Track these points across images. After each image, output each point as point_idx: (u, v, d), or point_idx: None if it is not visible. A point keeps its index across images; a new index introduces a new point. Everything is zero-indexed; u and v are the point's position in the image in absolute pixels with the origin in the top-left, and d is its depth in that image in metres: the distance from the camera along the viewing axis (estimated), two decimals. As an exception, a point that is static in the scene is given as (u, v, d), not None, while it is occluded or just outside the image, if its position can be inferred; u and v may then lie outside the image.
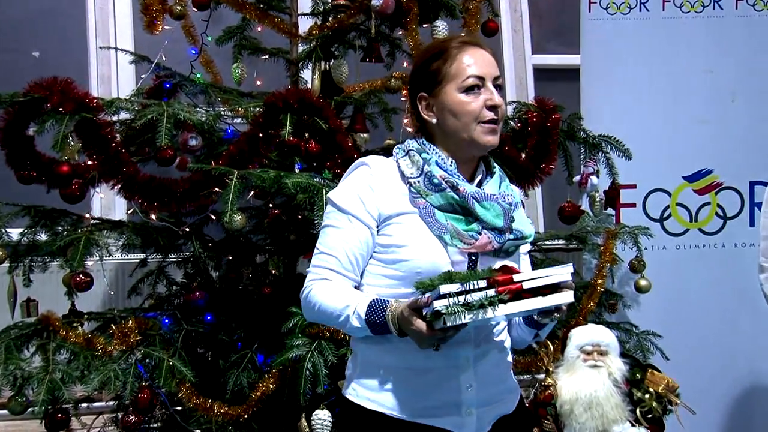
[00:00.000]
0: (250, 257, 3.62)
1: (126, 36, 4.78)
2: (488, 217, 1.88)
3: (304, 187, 2.77)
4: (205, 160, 3.15)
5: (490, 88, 1.91)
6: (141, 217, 3.18)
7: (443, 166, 1.91)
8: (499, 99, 1.92)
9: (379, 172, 1.94)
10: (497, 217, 1.89)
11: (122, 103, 3.10)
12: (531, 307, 1.73)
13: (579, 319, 3.38)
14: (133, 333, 2.95)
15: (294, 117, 2.90)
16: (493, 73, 1.93)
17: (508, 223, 1.91)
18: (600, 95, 4.02)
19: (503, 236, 1.90)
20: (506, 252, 1.92)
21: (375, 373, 1.92)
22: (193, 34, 3.80)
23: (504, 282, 1.70)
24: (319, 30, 3.48)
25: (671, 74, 4.03)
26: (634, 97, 4.02)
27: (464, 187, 1.89)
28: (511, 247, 1.92)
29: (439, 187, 1.88)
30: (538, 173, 3.22)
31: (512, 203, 1.94)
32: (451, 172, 1.91)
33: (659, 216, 4.07)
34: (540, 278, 1.72)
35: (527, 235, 1.95)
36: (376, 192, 1.91)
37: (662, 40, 4.04)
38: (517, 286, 1.70)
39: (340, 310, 1.85)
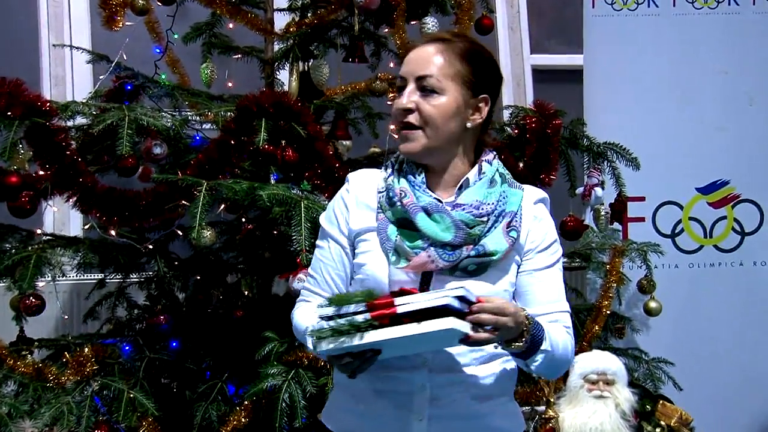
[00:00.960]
0: (221, 277, 3.62)
1: (82, 33, 4.78)
2: (431, 230, 1.88)
3: (281, 200, 2.78)
4: (170, 169, 3.15)
5: (409, 88, 1.92)
6: (99, 232, 3.17)
7: (410, 176, 1.96)
8: (408, 100, 1.91)
9: (357, 187, 2.02)
10: (446, 230, 1.88)
11: (78, 106, 3.10)
12: (405, 334, 1.69)
13: (583, 344, 3.40)
14: (89, 362, 2.94)
15: (269, 122, 2.91)
16: (415, 71, 1.92)
17: (461, 238, 1.87)
18: (605, 99, 4.06)
19: (456, 252, 1.87)
20: (465, 270, 1.88)
21: (343, 393, 2.03)
22: (158, 31, 3.81)
23: (380, 305, 1.70)
24: (297, 27, 3.50)
25: (683, 76, 4.07)
26: (643, 101, 4.06)
27: (413, 197, 1.92)
28: (470, 265, 1.87)
29: (392, 200, 1.94)
30: (537, 184, 3.24)
31: (486, 213, 1.90)
32: (413, 182, 1.95)
33: (671, 231, 4.11)
34: (416, 303, 1.69)
35: (491, 252, 1.87)
36: (351, 209, 2.00)
37: (673, 38, 4.08)
38: (391, 311, 1.69)
39: (303, 332, 1.97)
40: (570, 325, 1.96)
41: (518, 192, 1.97)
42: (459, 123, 1.93)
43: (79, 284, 4.27)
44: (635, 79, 4.06)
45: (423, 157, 1.95)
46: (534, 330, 1.82)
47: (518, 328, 1.79)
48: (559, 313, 1.96)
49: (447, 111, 1.91)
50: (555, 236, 2.00)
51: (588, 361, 3.11)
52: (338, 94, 3.69)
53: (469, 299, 1.73)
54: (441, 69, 1.91)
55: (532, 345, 1.83)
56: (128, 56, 3.62)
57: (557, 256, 1.99)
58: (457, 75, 1.92)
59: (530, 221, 1.96)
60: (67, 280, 4.02)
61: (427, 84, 1.91)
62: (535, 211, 1.98)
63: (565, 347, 1.92)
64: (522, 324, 1.79)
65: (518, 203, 1.95)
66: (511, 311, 1.76)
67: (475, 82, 1.94)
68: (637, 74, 4.06)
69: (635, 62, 4.06)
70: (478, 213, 1.90)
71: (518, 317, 1.78)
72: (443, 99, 1.91)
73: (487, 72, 1.98)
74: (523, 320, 1.79)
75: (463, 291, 1.70)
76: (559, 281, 1.99)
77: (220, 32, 3.76)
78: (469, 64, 1.94)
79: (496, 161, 1.98)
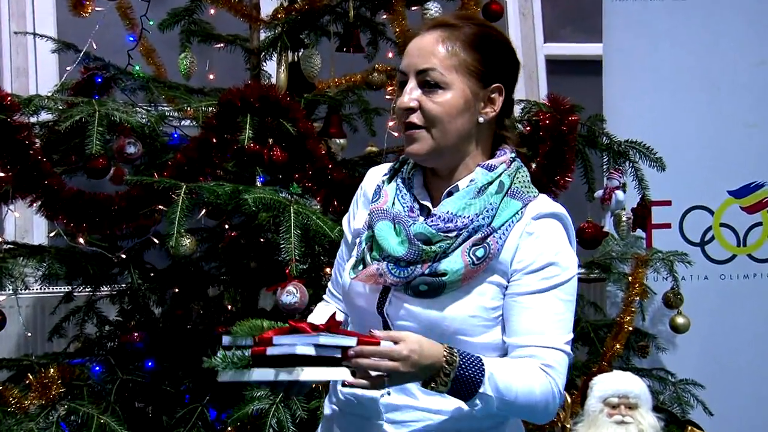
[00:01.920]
0: (201, 290, 3.63)
1: (47, 19, 4.79)
2: (385, 242, 1.89)
3: (268, 204, 2.78)
4: (145, 171, 3.16)
5: (410, 85, 1.90)
6: (66, 241, 3.18)
7: (404, 176, 1.99)
8: (410, 99, 1.89)
9: (368, 183, 2.07)
10: (401, 244, 1.87)
11: (42, 101, 3.11)
12: (257, 379, 1.73)
13: (602, 364, 3.41)
14: (55, 384, 2.94)
15: (255, 119, 2.92)
16: (416, 64, 1.90)
17: (413, 254, 1.85)
18: (626, 92, 4.07)
19: (408, 269, 1.86)
20: (417, 291, 1.86)
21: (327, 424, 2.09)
22: (131, 17, 3.82)
23: (261, 341, 1.74)
24: (286, 13, 3.51)
25: (713, 67, 4.08)
26: (668, 94, 4.06)
27: (386, 201, 1.95)
28: (420, 285, 1.85)
29: (369, 203, 1.99)
30: (552, 187, 3.25)
31: (457, 228, 1.86)
32: (400, 185, 1.97)
33: (700, 239, 4.12)
34: (285, 346, 1.71)
35: (442, 272, 1.84)
36: (359, 206, 2.07)
37: (702, 25, 4.09)
38: (260, 350, 1.73)
39: None
40: (556, 366, 1.86)
41: (515, 204, 1.90)
42: (469, 119, 1.91)
43: (44, 298, 4.28)
44: (660, 70, 4.07)
45: (430, 160, 1.93)
46: (461, 371, 1.75)
47: (427, 369, 1.74)
48: (540, 348, 1.86)
49: (453, 107, 1.89)
50: (555, 258, 1.89)
51: (608, 383, 3.12)
52: (331, 88, 3.70)
53: (341, 345, 1.72)
54: (444, 60, 1.88)
55: (462, 388, 1.77)
56: (98, 45, 3.63)
57: (554, 280, 1.89)
58: (462, 65, 1.89)
59: (519, 238, 1.89)
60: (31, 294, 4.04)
61: (430, 78, 1.88)
62: (532, 227, 1.90)
63: (529, 391, 1.82)
64: (437, 364, 1.74)
65: (507, 217, 1.89)
66: (402, 354, 1.71)
67: (485, 71, 1.91)
68: (662, 65, 4.07)
69: (660, 52, 4.07)
70: (445, 227, 1.86)
71: (421, 359, 1.73)
72: (448, 94, 1.88)
73: (500, 58, 1.94)
74: (436, 360, 1.74)
75: (324, 339, 1.70)
76: (552, 310, 1.89)
77: (200, 19, 3.77)
78: (477, 52, 1.90)
79: (503, 166, 1.93)
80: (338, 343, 1.72)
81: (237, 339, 1.78)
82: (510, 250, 1.88)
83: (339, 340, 1.72)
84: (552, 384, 1.84)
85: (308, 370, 1.69)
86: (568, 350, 1.90)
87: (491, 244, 1.86)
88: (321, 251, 3.17)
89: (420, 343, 1.74)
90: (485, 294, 1.88)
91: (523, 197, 1.92)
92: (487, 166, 1.93)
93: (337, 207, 2.98)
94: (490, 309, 1.89)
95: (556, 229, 1.92)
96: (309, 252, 2.92)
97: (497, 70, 1.93)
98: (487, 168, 1.92)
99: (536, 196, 1.95)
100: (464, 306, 1.87)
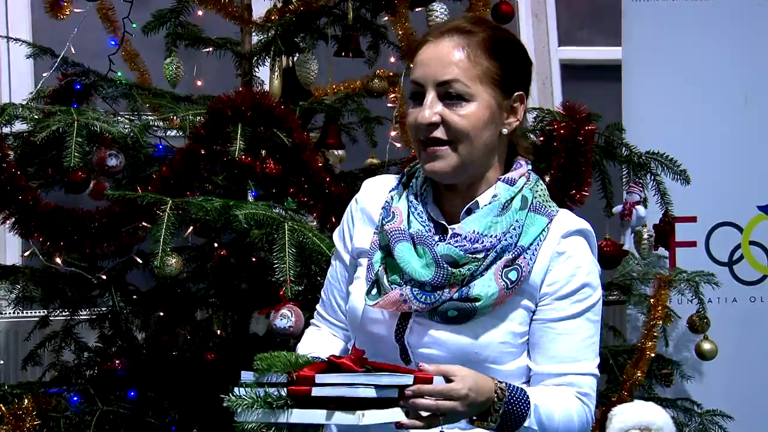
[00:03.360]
0: (189, 313, 3.63)
1: (21, 21, 4.81)
2: (409, 266, 1.88)
3: (260, 221, 2.79)
4: (128, 185, 3.17)
5: (429, 97, 1.89)
6: (42, 260, 3.19)
7: (415, 191, 1.98)
8: (432, 113, 1.88)
9: (366, 197, 2.06)
10: (426, 267, 1.87)
11: (17, 109, 3.11)
12: (296, 421, 1.73)
13: (622, 394, 3.41)
14: (29, 416, 2.94)
15: (246, 129, 2.93)
16: (435, 75, 1.89)
17: (441, 277, 1.86)
18: (647, 100, 4.08)
19: (435, 294, 1.86)
20: (444, 317, 1.87)
21: None
22: (113, 20, 3.83)
23: (300, 380, 1.72)
24: (280, 15, 3.52)
25: (743, 72, 4.09)
26: (693, 102, 4.07)
27: (402, 221, 1.93)
28: (449, 310, 1.86)
29: (383, 221, 1.97)
30: (567, 202, 3.25)
31: (484, 248, 1.87)
32: (413, 202, 1.96)
33: (728, 258, 4.12)
34: (337, 386, 1.70)
35: (475, 296, 1.85)
36: (356, 223, 2.06)
37: (731, 27, 4.09)
38: (306, 390, 1.71)
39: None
40: (590, 392, 1.93)
41: (541, 220, 1.92)
42: (494, 131, 1.92)
43: (18, 322, 4.28)
44: (684, 75, 4.08)
45: (454, 177, 1.93)
46: (509, 407, 1.80)
47: (480, 406, 1.77)
48: (575, 375, 1.92)
49: (480, 120, 1.88)
50: (586, 278, 1.93)
51: (629, 414, 3.12)
52: (329, 95, 3.71)
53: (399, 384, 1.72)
54: (466, 71, 1.88)
55: (509, 422, 1.80)
56: (77, 50, 3.63)
57: (587, 303, 1.93)
58: (485, 74, 1.89)
59: (549, 258, 1.91)
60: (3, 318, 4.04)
61: (453, 90, 1.88)
62: (562, 246, 1.92)
63: (568, 420, 1.88)
64: (489, 400, 1.78)
65: (535, 235, 1.91)
66: (461, 394, 1.72)
67: (505, 78, 1.91)
68: (687, 70, 4.08)
69: (684, 56, 4.08)
70: (473, 248, 1.87)
71: (478, 396, 1.75)
72: (473, 107, 1.88)
73: (518, 64, 1.96)
74: (489, 396, 1.77)
75: (387, 380, 1.70)
76: (586, 335, 1.93)
77: (187, 21, 3.77)
78: (496, 59, 1.90)
79: (522, 179, 1.95)
80: (398, 383, 1.72)
81: (265, 375, 1.75)
82: (540, 271, 1.91)
83: (399, 380, 1.72)
84: (587, 411, 1.92)
85: (369, 414, 1.68)
86: (598, 373, 1.97)
87: (522, 265, 1.88)
88: (318, 271, 3.17)
89: (476, 380, 1.77)
90: (515, 319, 1.91)
91: (548, 212, 1.94)
92: (509, 180, 1.94)
93: (335, 223, 2.98)
94: (518, 334, 1.92)
95: (585, 247, 1.95)
96: (305, 272, 2.92)
97: (517, 76, 1.95)
98: (509, 182, 1.94)
99: (557, 211, 1.97)
100: (495, 332, 1.90)
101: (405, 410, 1.72)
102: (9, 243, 4.54)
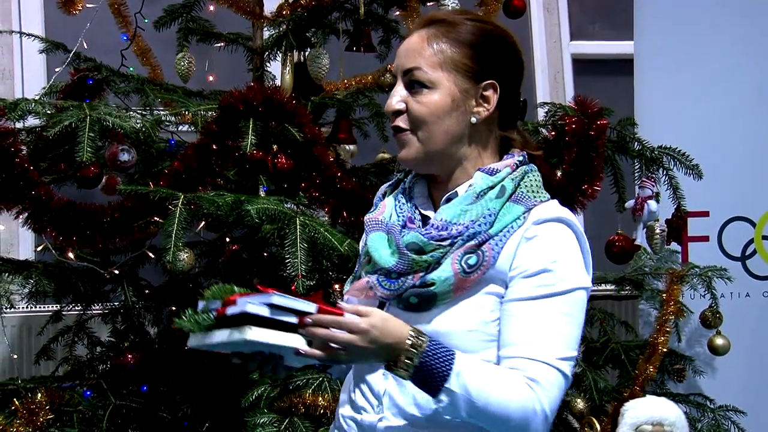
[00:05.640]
0: (200, 308, 3.64)
1: (34, 17, 4.82)
2: (376, 254, 1.93)
3: (272, 216, 2.80)
4: (140, 180, 3.17)
5: (397, 86, 1.97)
6: (54, 255, 3.20)
7: (405, 186, 2.04)
8: (396, 101, 1.95)
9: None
10: (392, 255, 1.91)
11: (30, 105, 3.12)
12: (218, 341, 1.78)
13: (634, 389, 3.40)
14: (42, 410, 2.95)
15: (258, 124, 2.94)
16: (403, 64, 1.96)
17: (403, 265, 1.89)
18: (659, 94, 4.07)
19: (399, 281, 1.90)
20: (407, 303, 1.89)
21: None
22: (125, 15, 3.84)
23: (225, 303, 1.79)
24: (291, 9, 3.52)
25: (757, 65, 4.07)
26: (706, 96, 4.06)
27: (382, 212, 2.00)
28: (411, 297, 1.88)
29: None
30: (579, 197, 3.25)
31: (451, 236, 1.88)
32: (398, 194, 2.02)
33: (740, 253, 4.11)
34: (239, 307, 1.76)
35: (430, 282, 1.86)
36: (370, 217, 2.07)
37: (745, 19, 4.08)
38: (222, 311, 1.78)
39: None
40: (542, 381, 1.81)
41: (518, 209, 1.91)
42: (459, 119, 1.94)
43: (31, 317, 4.30)
44: (696, 69, 4.07)
45: (421, 165, 1.97)
46: (426, 359, 1.77)
47: (389, 349, 1.77)
48: (526, 360, 1.83)
49: (439, 107, 1.92)
50: (550, 264, 1.87)
51: (641, 409, 3.12)
52: (340, 90, 3.71)
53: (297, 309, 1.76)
54: (428, 58, 1.93)
55: (428, 379, 1.78)
56: (89, 45, 3.65)
57: (550, 289, 1.86)
58: (449, 62, 1.92)
59: (517, 244, 1.89)
60: (17, 312, 4.05)
61: (415, 78, 1.93)
62: (531, 231, 1.89)
63: (506, 402, 1.79)
64: (399, 345, 1.77)
65: (507, 223, 1.90)
66: (361, 327, 1.74)
67: (478, 68, 1.93)
68: (699, 64, 4.07)
69: (697, 49, 4.07)
70: (438, 235, 1.89)
71: (382, 336, 1.76)
72: (435, 95, 1.92)
73: (495, 54, 1.96)
74: (399, 340, 1.77)
75: (277, 300, 1.74)
76: (545, 320, 1.85)
77: (199, 16, 3.78)
78: (469, 48, 1.93)
79: (506, 169, 1.94)
80: (294, 306, 1.75)
81: (208, 302, 1.83)
82: (508, 257, 1.89)
83: (295, 304, 1.75)
84: (536, 401, 1.80)
85: (257, 330, 1.72)
86: (564, 369, 1.84)
87: (486, 251, 1.87)
88: (329, 266, 3.18)
89: (385, 320, 1.78)
90: (483, 306, 1.89)
91: (528, 202, 1.92)
92: (489, 170, 1.94)
93: (347, 218, 2.99)
94: (490, 322, 1.89)
95: (560, 234, 1.91)
96: (316, 267, 2.93)
97: (492, 66, 1.95)
98: (488, 172, 1.94)
99: (544, 201, 1.95)
100: (459, 319, 1.88)
101: (308, 340, 1.76)
102: (22, 238, 4.56)
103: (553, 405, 1.82)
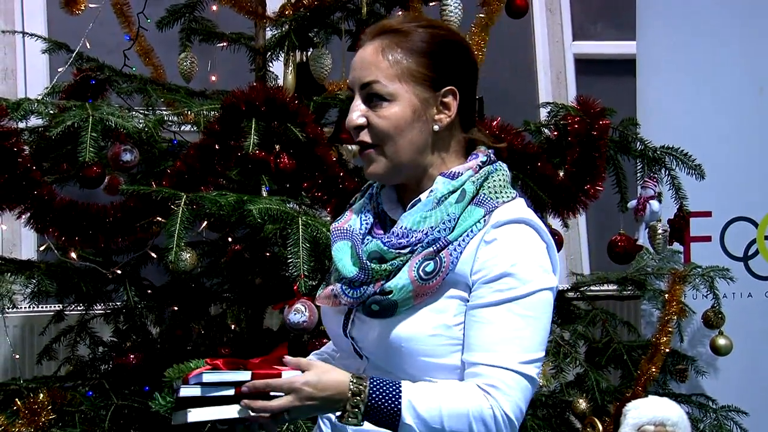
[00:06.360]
0: (203, 308, 3.64)
1: (37, 17, 4.82)
2: (340, 263, 1.93)
3: (274, 216, 2.79)
4: (142, 180, 3.17)
5: (356, 101, 1.93)
6: (57, 255, 3.19)
7: (372, 192, 2.03)
8: (357, 116, 1.91)
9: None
10: (354, 265, 1.91)
11: (32, 104, 3.12)
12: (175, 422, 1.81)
13: (637, 389, 3.40)
14: (44, 410, 2.95)
15: (260, 124, 2.94)
16: (359, 78, 1.92)
17: (364, 274, 1.88)
18: (662, 94, 4.07)
19: (361, 290, 1.89)
20: (370, 310, 1.88)
21: None
22: (127, 15, 3.84)
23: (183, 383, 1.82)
24: (294, 9, 3.52)
25: (758, 66, 4.07)
26: (708, 96, 4.06)
27: (348, 221, 1.99)
28: (372, 304, 1.87)
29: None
30: (582, 197, 3.25)
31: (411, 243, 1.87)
32: (365, 202, 2.01)
33: (742, 253, 4.11)
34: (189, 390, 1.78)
35: (387, 290, 1.85)
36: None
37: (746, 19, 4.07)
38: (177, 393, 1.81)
39: None
40: (501, 386, 1.81)
41: (478, 212, 1.89)
42: (422, 129, 1.91)
43: (33, 317, 4.30)
44: (699, 69, 4.07)
45: (391, 178, 1.96)
46: (373, 401, 1.78)
47: (331, 402, 1.79)
48: (486, 367, 1.82)
49: (402, 120, 1.90)
50: (510, 268, 1.84)
51: (643, 410, 3.12)
52: (343, 90, 3.71)
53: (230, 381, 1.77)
54: (385, 70, 1.90)
55: (382, 419, 1.79)
56: (92, 45, 3.66)
57: (510, 293, 1.84)
58: (406, 73, 1.90)
59: (477, 247, 1.87)
60: (19, 312, 4.05)
61: (373, 92, 1.90)
62: (491, 235, 1.87)
63: (459, 415, 1.79)
64: (340, 395, 1.78)
65: (466, 227, 1.89)
66: (294, 387, 1.76)
67: (435, 76, 1.91)
68: (701, 64, 4.07)
69: (699, 49, 4.07)
70: (398, 243, 1.88)
71: (317, 391, 1.77)
72: (395, 107, 1.90)
73: (451, 60, 1.94)
74: (338, 391, 1.78)
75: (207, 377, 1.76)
76: (505, 326, 1.84)
77: (201, 16, 3.79)
78: (424, 56, 1.91)
79: (468, 172, 1.92)
80: (227, 379, 1.76)
81: (175, 381, 1.86)
82: (468, 261, 1.87)
83: (228, 376, 1.76)
84: (492, 407, 1.80)
85: (196, 411, 1.75)
86: (526, 371, 1.83)
87: (444, 257, 1.86)
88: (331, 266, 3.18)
89: (321, 373, 1.79)
90: (446, 311, 1.87)
91: (489, 204, 1.90)
92: (450, 174, 1.92)
93: (349, 218, 2.99)
94: (454, 326, 1.87)
95: (520, 235, 1.88)
96: (318, 267, 2.92)
97: (449, 72, 1.93)
98: (450, 176, 1.92)
99: (507, 201, 1.92)
100: (420, 325, 1.87)
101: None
102: (24, 238, 4.56)
103: (515, 408, 1.81)
